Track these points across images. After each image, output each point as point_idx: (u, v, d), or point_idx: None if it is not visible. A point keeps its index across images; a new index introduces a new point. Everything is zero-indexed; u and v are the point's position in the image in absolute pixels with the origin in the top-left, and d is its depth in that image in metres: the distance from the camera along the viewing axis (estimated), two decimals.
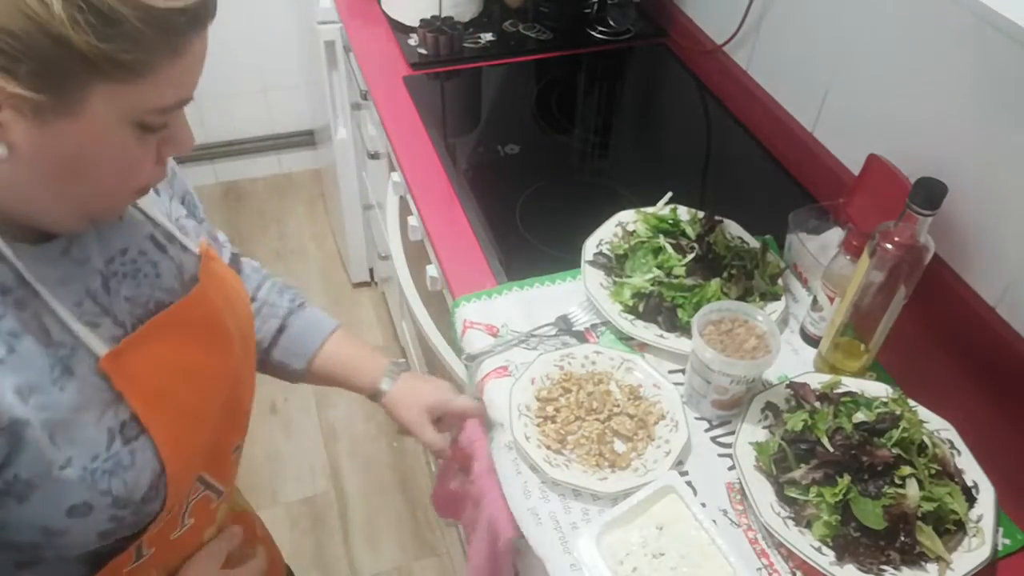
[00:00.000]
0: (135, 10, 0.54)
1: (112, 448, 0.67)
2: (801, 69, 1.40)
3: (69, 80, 0.55)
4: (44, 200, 0.62)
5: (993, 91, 1.02)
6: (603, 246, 1.18)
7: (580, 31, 1.77)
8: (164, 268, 0.77)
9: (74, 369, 0.65)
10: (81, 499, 0.66)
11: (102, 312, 0.69)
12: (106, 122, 0.58)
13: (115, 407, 0.68)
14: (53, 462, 0.63)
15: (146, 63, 0.56)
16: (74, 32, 0.52)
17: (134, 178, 0.65)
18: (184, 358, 0.75)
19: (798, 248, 1.18)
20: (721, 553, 0.86)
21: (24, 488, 0.63)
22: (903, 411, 0.93)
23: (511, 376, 1.04)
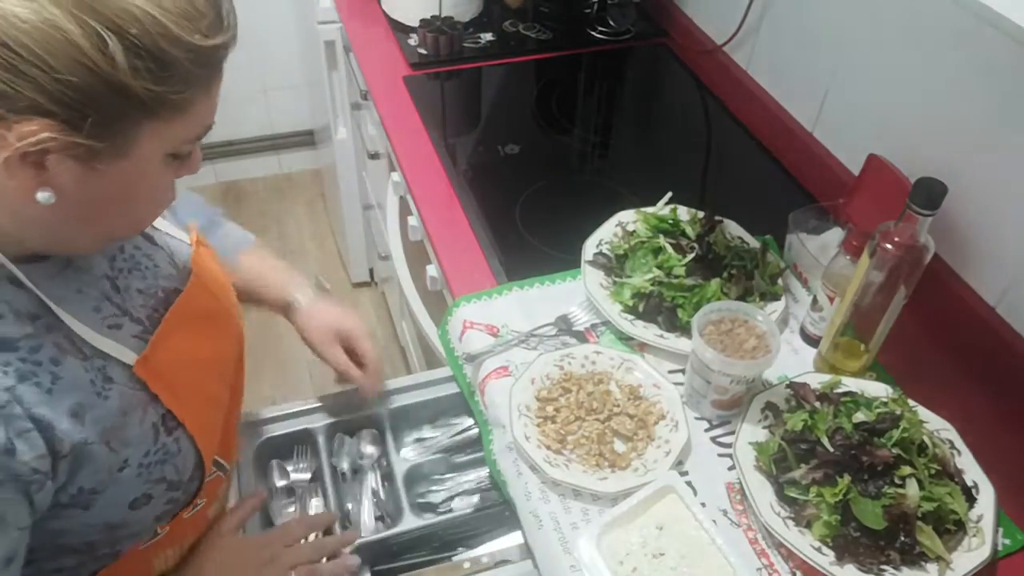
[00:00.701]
0: (187, 51, 0.55)
1: (159, 441, 0.71)
2: (801, 69, 1.40)
3: (124, 124, 0.56)
4: (76, 235, 0.63)
5: (993, 91, 1.02)
6: (603, 246, 1.18)
7: (580, 31, 1.77)
8: (159, 258, 0.79)
9: (112, 376, 0.67)
10: (141, 492, 0.70)
11: (120, 312, 0.71)
12: (150, 158, 0.59)
13: (153, 404, 0.70)
14: (113, 467, 0.66)
15: (189, 100, 0.58)
16: (134, 80, 0.53)
17: (162, 204, 0.67)
18: (199, 348, 0.78)
19: (798, 248, 1.18)
20: (721, 553, 0.86)
21: (89, 496, 0.66)
22: (903, 411, 0.93)
23: (511, 376, 1.04)
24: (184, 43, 0.55)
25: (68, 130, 0.53)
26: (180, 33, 0.54)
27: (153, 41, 0.53)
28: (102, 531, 0.69)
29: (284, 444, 1.05)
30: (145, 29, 0.53)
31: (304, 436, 1.06)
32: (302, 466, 1.04)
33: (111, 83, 0.52)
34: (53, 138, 0.53)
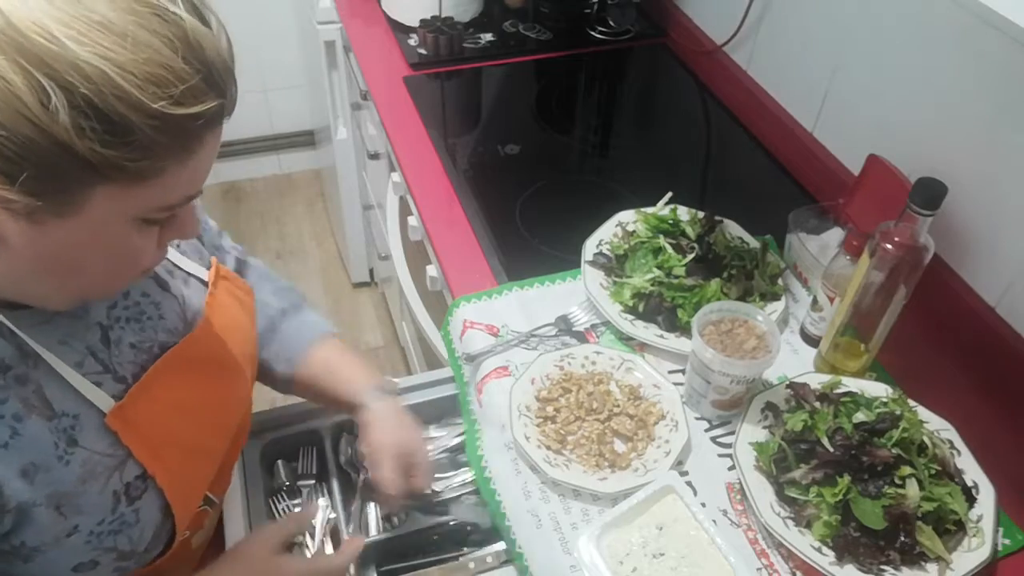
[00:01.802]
0: (148, 117, 0.51)
1: (117, 511, 0.67)
2: (801, 69, 1.40)
3: (69, 184, 0.52)
4: (39, 288, 0.60)
5: (993, 91, 1.02)
6: (603, 246, 1.18)
7: (580, 31, 1.77)
8: (167, 308, 0.75)
9: (78, 439, 0.65)
10: (88, 558, 0.67)
11: (103, 370, 0.68)
12: (106, 221, 0.55)
13: (120, 470, 0.67)
14: (61, 531, 0.64)
15: (155, 167, 0.54)
16: (79, 140, 0.49)
17: (134, 267, 0.63)
18: (190, 396, 0.74)
19: (798, 248, 1.18)
20: (721, 553, 0.86)
21: (30, 551, 0.64)
22: (903, 411, 0.93)
23: (511, 376, 1.04)
24: (145, 109, 0.50)
25: (5, 183, 0.50)
26: (142, 98, 0.50)
27: (107, 103, 0.49)
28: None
29: (290, 444, 1.05)
30: (97, 89, 0.48)
31: (309, 437, 1.05)
32: (308, 466, 1.04)
33: (53, 140, 0.49)
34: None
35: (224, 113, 0.57)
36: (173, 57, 0.51)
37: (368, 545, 0.92)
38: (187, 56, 0.52)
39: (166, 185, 0.56)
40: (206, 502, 0.80)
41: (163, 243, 0.63)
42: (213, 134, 0.58)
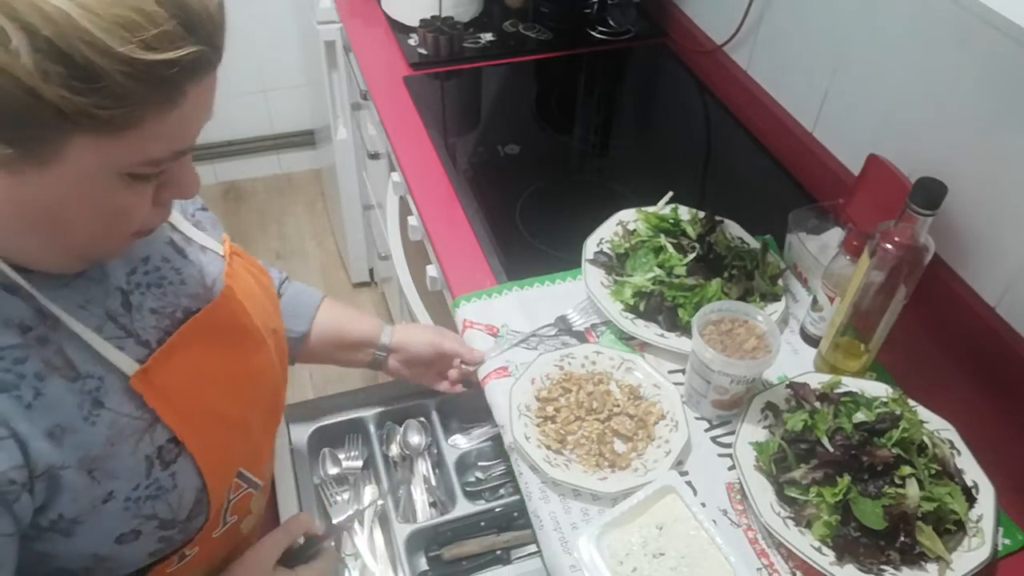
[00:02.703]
0: (117, 63, 0.49)
1: (152, 475, 0.66)
2: (801, 69, 1.40)
3: (42, 132, 0.50)
4: (31, 245, 0.59)
5: (993, 91, 1.02)
6: (604, 245, 1.18)
7: (580, 31, 1.77)
8: (187, 274, 0.74)
9: (104, 401, 0.63)
10: (129, 527, 0.66)
11: (125, 334, 0.67)
12: (86, 173, 0.53)
13: (150, 433, 0.66)
14: (96, 498, 0.63)
15: (131, 117, 0.51)
16: (44, 84, 0.48)
17: (126, 225, 0.60)
18: (216, 365, 0.73)
19: (798, 248, 1.18)
20: (721, 553, 0.86)
21: (69, 525, 0.62)
22: (903, 411, 0.93)
23: (511, 376, 1.04)
24: (113, 53, 0.48)
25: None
26: (108, 42, 0.48)
27: (71, 46, 0.47)
28: (90, 560, 0.66)
29: (335, 433, 1.07)
30: (60, 31, 0.47)
31: (355, 425, 1.07)
32: (353, 454, 1.06)
33: (18, 84, 0.47)
34: None
35: (208, 62, 0.54)
36: (146, 0, 0.49)
37: (417, 531, 0.94)
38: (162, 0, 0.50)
39: (146, 137, 0.53)
40: (248, 483, 0.79)
41: (160, 202, 0.61)
42: (197, 86, 0.54)
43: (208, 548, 0.76)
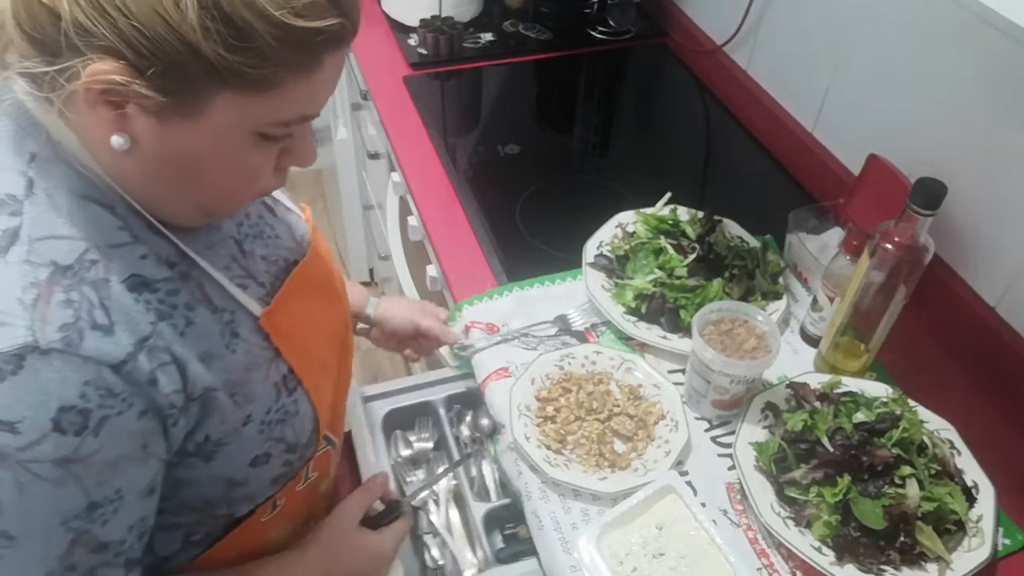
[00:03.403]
0: (270, 26, 0.53)
1: (280, 400, 0.72)
2: (801, 69, 1.40)
3: (194, 85, 0.54)
4: (164, 194, 0.63)
5: (993, 91, 1.02)
6: (603, 247, 1.18)
7: (580, 31, 1.77)
8: (280, 229, 0.80)
9: (239, 331, 0.68)
10: (262, 450, 0.71)
11: (247, 274, 0.72)
12: (226, 129, 0.57)
13: (275, 363, 0.71)
14: (237, 420, 0.68)
15: (274, 78, 0.56)
16: (204, 40, 0.52)
17: (251, 184, 0.65)
18: (314, 313, 0.80)
19: (798, 248, 1.18)
20: (721, 553, 0.86)
21: (213, 448, 0.67)
22: (903, 411, 0.93)
23: (511, 376, 1.04)
24: (268, 17, 0.52)
25: (136, 76, 0.53)
26: (266, 6, 0.52)
27: (233, 6, 0.51)
28: (222, 487, 0.70)
29: (406, 416, 1.10)
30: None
31: (424, 408, 1.10)
32: (424, 436, 1.09)
33: (182, 39, 0.51)
34: (119, 81, 0.52)
35: (346, 36, 0.58)
36: None
37: (493, 509, 0.97)
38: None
39: (283, 99, 0.57)
40: (327, 442, 0.84)
41: (281, 168, 0.66)
42: (333, 57, 0.59)
43: (292, 502, 0.81)
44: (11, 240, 0.55)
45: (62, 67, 0.53)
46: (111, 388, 0.55)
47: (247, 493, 0.73)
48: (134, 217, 0.62)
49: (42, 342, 0.53)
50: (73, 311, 0.55)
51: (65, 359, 0.53)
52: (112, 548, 0.60)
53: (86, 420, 0.54)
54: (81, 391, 0.54)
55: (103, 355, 0.55)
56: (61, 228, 0.57)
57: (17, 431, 0.52)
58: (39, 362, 0.52)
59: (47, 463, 0.54)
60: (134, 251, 0.61)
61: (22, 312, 0.53)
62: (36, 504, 0.55)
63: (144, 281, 0.61)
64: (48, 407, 0.53)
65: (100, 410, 0.55)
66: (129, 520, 0.61)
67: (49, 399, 0.53)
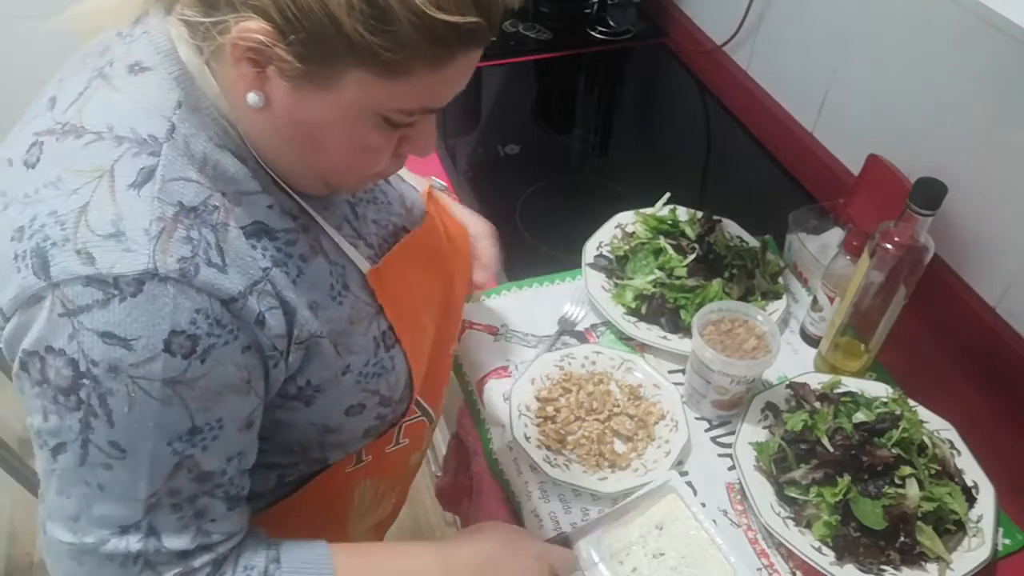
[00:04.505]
0: (410, 13, 0.54)
1: (378, 354, 0.74)
2: (801, 69, 1.40)
3: (330, 58, 0.56)
4: (290, 157, 0.65)
5: (993, 91, 1.02)
6: (603, 248, 1.18)
7: (580, 31, 1.77)
8: (392, 197, 0.83)
9: (348, 284, 0.71)
10: (357, 400, 0.73)
11: (356, 235, 0.75)
12: (352, 105, 0.60)
13: (377, 319, 0.74)
14: (337, 368, 0.70)
15: (405, 65, 0.57)
16: (347, 16, 0.54)
17: (369, 164, 0.67)
18: (419, 281, 0.82)
19: (798, 248, 1.18)
20: (721, 553, 0.86)
21: (312, 393, 0.70)
22: (903, 411, 0.93)
23: (511, 376, 1.04)
24: (409, 3, 0.54)
25: (279, 40, 0.55)
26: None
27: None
28: (317, 432, 0.73)
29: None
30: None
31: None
32: None
33: (327, 11, 0.54)
34: (263, 42, 0.55)
35: (482, 37, 0.59)
36: None
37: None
38: None
39: (410, 88, 0.59)
40: (421, 411, 0.85)
41: (399, 153, 0.68)
42: (465, 56, 0.60)
43: (379, 461, 0.83)
44: (147, 178, 0.58)
45: (217, 20, 0.56)
46: (219, 319, 0.59)
47: (340, 441, 0.76)
48: (262, 172, 0.65)
49: (161, 270, 0.56)
50: (191, 247, 0.58)
51: (180, 287, 0.56)
52: (213, 478, 0.63)
53: (194, 345, 0.58)
54: (192, 318, 0.57)
55: (215, 289, 0.58)
56: (192, 173, 0.60)
57: (132, 348, 0.56)
58: (157, 288, 0.56)
59: (157, 381, 0.57)
60: (262, 200, 0.64)
61: (147, 242, 0.56)
62: (145, 420, 0.58)
63: (266, 228, 0.64)
64: (161, 329, 0.56)
65: (208, 338, 0.58)
66: (228, 450, 0.63)
67: (162, 322, 0.56)
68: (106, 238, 0.56)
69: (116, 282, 0.55)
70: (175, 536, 0.62)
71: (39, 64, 1.45)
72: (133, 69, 0.61)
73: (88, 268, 0.55)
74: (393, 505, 1.00)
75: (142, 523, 0.60)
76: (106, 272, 0.55)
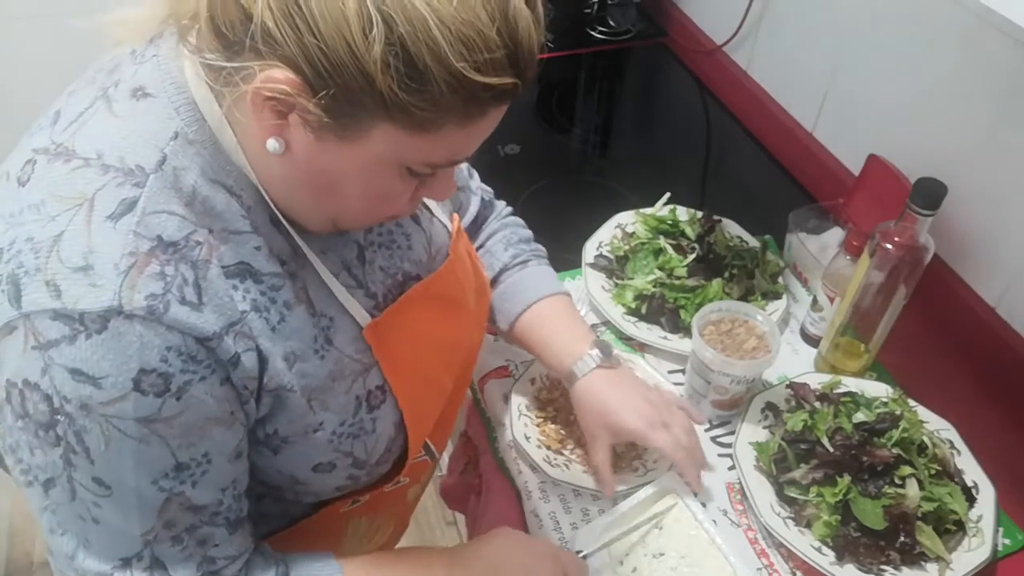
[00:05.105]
0: (447, 74, 0.53)
1: (358, 415, 0.71)
2: (801, 69, 1.40)
3: (359, 113, 0.55)
4: (301, 199, 0.64)
5: (993, 91, 1.02)
6: (603, 248, 1.18)
7: (580, 31, 1.77)
8: (415, 240, 0.79)
9: (333, 340, 0.68)
10: (327, 459, 0.70)
11: (356, 285, 0.72)
12: (377, 158, 0.58)
13: (364, 376, 0.71)
14: (308, 425, 0.67)
15: (436, 122, 0.56)
16: (382, 74, 0.52)
17: (386, 210, 0.66)
18: (431, 329, 0.78)
19: (798, 248, 1.18)
20: (721, 553, 0.86)
21: (280, 443, 0.67)
22: (903, 411, 0.93)
23: (511, 376, 1.04)
24: (448, 66, 0.52)
25: (306, 93, 0.54)
26: (447, 54, 0.52)
27: (416, 48, 0.52)
28: (286, 481, 0.71)
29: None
30: (413, 33, 0.51)
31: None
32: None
33: (361, 68, 0.52)
34: (290, 93, 0.54)
35: (515, 93, 0.59)
36: (489, 25, 0.53)
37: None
38: (501, 29, 0.54)
39: (439, 143, 0.58)
40: (427, 452, 0.83)
41: (416, 198, 0.66)
42: (497, 110, 0.60)
43: (377, 500, 0.81)
44: (126, 209, 0.56)
45: (240, 66, 0.54)
46: (194, 355, 0.57)
47: (311, 491, 0.74)
48: (260, 208, 0.63)
49: (126, 307, 0.54)
50: (164, 284, 0.56)
51: (147, 325, 0.55)
52: (208, 509, 0.62)
53: (167, 383, 0.56)
54: (163, 355, 0.56)
55: (188, 327, 0.57)
56: (176, 207, 0.58)
57: (100, 386, 0.54)
58: (122, 325, 0.54)
59: (130, 420, 0.55)
60: (250, 240, 0.62)
61: (114, 277, 0.54)
62: (123, 458, 0.57)
63: (250, 270, 0.62)
64: (129, 368, 0.55)
65: (182, 375, 0.57)
66: (219, 483, 0.62)
67: (130, 360, 0.55)
68: (75, 271, 0.54)
69: (81, 318, 0.54)
70: (180, 566, 0.61)
71: (38, 65, 1.46)
72: (136, 94, 0.60)
73: (55, 302, 0.54)
74: (390, 535, 0.99)
75: (144, 554, 0.60)
76: (71, 307, 0.54)
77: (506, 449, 0.98)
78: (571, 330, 0.93)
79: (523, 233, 1.02)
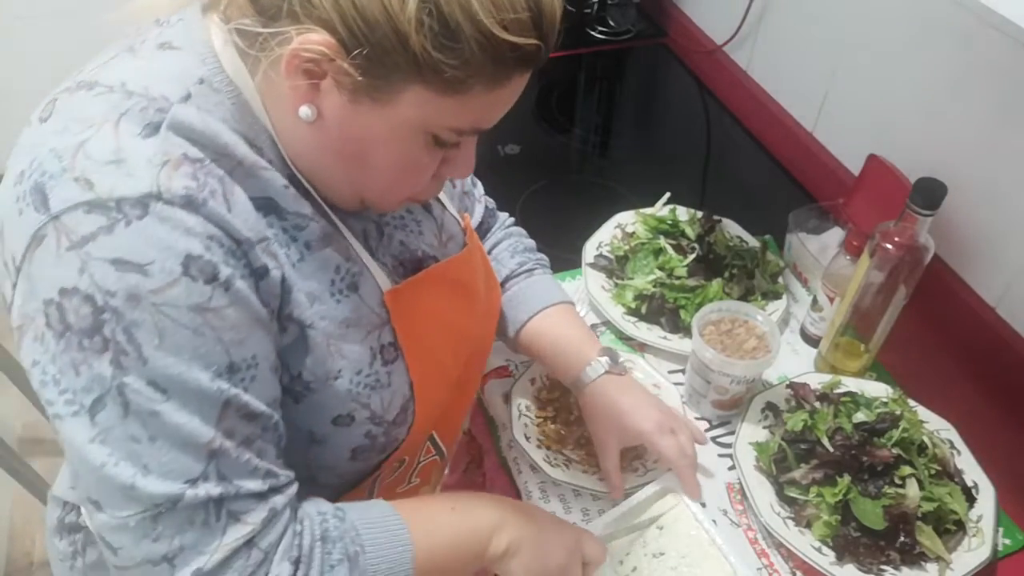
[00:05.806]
0: (477, 32, 0.54)
1: (373, 366, 0.70)
2: (801, 69, 1.40)
3: (392, 73, 0.56)
4: (330, 170, 0.64)
5: (993, 91, 1.02)
6: (603, 248, 1.18)
7: (580, 31, 1.77)
8: (426, 227, 0.80)
9: (359, 288, 0.69)
10: (346, 410, 0.69)
11: (371, 253, 0.72)
12: (406, 122, 0.59)
13: (381, 330, 0.71)
14: (329, 371, 0.67)
15: (463, 83, 0.57)
16: (416, 33, 0.53)
17: (410, 183, 0.66)
18: (443, 311, 0.79)
19: (798, 248, 1.18)
20: (721, 553, 0.86)
21: (303, 390, 0.66)
22: (903, 411, 0.93)
23: (511, 376, 1.04)
24: (478, 23, 0.54)
25: (342, 53, 0.54)
26: (478, 11, 0.54)
27: (449, 6, 0.53)
28: (304, 440, 0.68)
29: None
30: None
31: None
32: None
33: (396, 27, 0.53)
34: (327, 55, 0.54)
35: (537, 59, 0.60)
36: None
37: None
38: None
39: (465, 106, 0.59)
40: (436, 450, 0.83)
41: (439, 176, 0.67)
42: (520, 76, 0.61)
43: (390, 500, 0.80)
44: (152, 132, 0.56)
45: (276, 31, 0.55)
46: (233, 251, 0.56)
47: (325, 460, 0.71)
48: (282, 167, 0.63)
49: (165, 194, 0.53)
50: (197, 184, 0.55)
51: (188, 213, 0.54)
52: (261, 420, 0.58)
53: (215, 271, 0.54)
54: (206, 244, 0.54)
55: (225, 223, 0.56)
56: (198, 134, 0.57)
57: (148, 273, 0.52)
58: (164, 210, 0.53)
59: (183, 308, 0.53)
60: (276, 179, 0.62)
61: (149, 168, 0.53)
62: (179, 351, 0.53)
63: (275, 206, 0.62)
64: (176, 251, 0.53)
65: (226, 267, 0.55)
66: (267, 394, 0.59)
67: (176, 243, 0.53)
68: (106, 164, 0.53)
69: (119, 205, 0.52)
70: (247, 479, 0.57)
71: (38, 65, 1.46)
72: (163, 47, 0.60)
73: (87, 194, 0.52)
74: None
75: (209, 471, 0.55)
76: (106, 196, 0.52)
77: (508, 449, 0.98)
78: (580, 337, 0.94)
79: (527, 242, 1.03)
